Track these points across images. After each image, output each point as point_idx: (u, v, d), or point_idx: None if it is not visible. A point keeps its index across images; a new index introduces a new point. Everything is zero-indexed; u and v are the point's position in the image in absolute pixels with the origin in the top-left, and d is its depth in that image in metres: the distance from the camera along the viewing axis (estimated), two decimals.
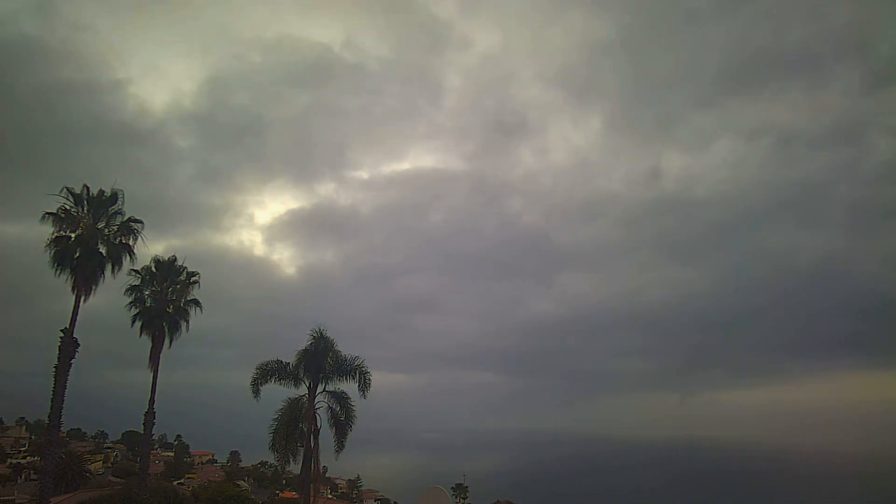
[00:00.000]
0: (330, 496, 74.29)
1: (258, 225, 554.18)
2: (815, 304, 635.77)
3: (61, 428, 25.87)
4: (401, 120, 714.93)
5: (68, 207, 24.11)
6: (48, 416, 23.35)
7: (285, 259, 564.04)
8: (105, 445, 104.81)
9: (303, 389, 22.64)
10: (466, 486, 75.17)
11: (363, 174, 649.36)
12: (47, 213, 23.50)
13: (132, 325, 28.47)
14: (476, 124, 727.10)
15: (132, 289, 28.59)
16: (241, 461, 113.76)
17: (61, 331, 23.07)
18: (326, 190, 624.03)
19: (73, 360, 23.07)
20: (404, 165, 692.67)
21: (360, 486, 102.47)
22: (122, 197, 25.22)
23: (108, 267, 24.74)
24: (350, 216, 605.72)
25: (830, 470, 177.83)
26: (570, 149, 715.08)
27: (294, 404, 22.05)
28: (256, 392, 22.39)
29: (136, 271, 28.32)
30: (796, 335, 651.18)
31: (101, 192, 24.97)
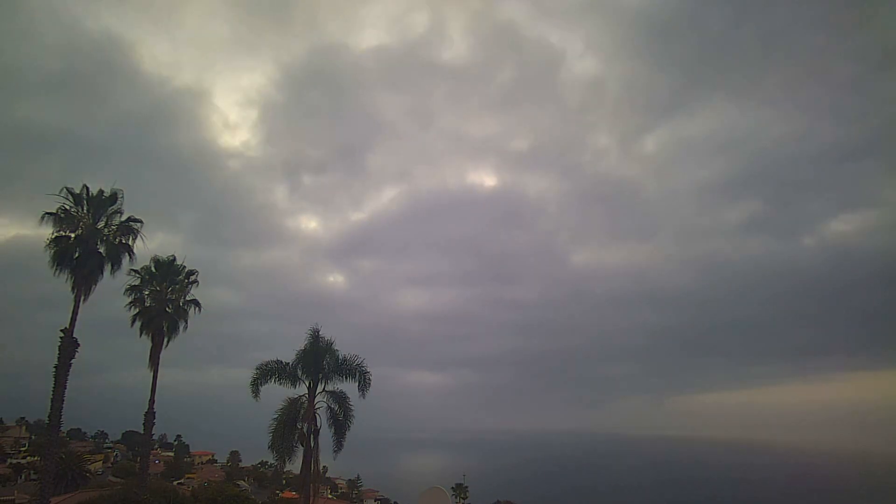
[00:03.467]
0: (330, 496, 74.30)
1: (315, 237, 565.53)
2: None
3: (61, 428, 25.82)
4: (457, 139, 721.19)
5: (68, 207, 24.03)
6: (48, 416, 23.28)
7: (340, 270, 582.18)
8: (105, 445, 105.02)
9: (303, 389, 22.61)
10: (466, 486, 75.13)
11: (418, 189, 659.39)
12: (47, 213, 23.38)
13: (132, 325, 28.44)
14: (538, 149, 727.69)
15: (132, 289, 28.52)
16: (241, 461, 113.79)
17: (61, 331, 23.00)
18: (380, 204, 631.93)
19: (72, 360, 23.02)
20: (462, 182, 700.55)
21: (360, 486, 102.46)
22: (122, 197, 25.16)
23: (108, 267, 24.69)
24: (399, 228, 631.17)
25: (830, 469, 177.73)
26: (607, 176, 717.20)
27: (293, 404, 21.97)
28: (256, 392, 22.32)
29: (135, 271, 28.26)
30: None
31: (101, 192, 24.90)
